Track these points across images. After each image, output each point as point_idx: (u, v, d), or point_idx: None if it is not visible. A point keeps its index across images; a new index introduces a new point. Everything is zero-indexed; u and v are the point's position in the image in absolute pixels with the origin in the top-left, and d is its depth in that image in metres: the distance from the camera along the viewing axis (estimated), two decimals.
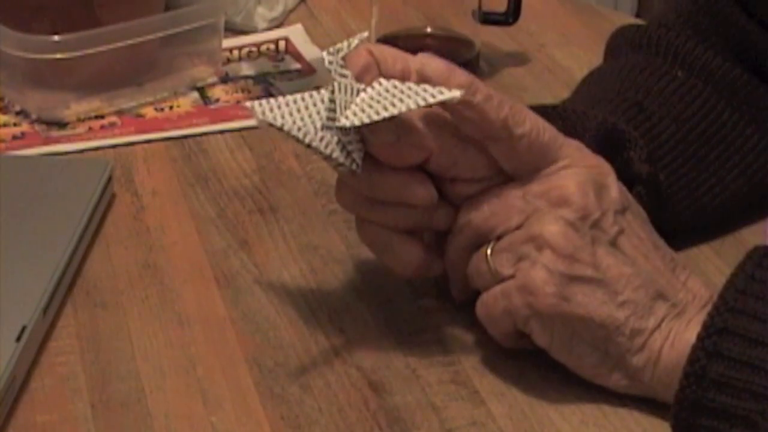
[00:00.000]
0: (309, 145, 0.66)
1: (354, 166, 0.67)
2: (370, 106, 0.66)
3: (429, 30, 1.02)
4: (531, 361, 0.69)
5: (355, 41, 0.69)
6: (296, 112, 0.67)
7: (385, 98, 0.66)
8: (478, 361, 0.71)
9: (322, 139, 0.66)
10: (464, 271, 0.70)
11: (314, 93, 0.68)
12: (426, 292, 0.76)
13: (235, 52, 1.06)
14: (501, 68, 1.04)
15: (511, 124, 0.67)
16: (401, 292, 0.76)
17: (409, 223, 0.70)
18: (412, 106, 0.65)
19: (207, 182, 0.88)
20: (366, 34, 0.71)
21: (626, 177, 0.73)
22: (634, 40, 0.84)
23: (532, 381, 0.69)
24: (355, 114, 0.66)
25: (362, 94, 0.67)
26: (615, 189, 0.68)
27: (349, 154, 0.66)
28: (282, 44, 1.07)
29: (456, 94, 0.65)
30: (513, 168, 0.68)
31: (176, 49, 1.00)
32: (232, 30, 1.08)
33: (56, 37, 0.92)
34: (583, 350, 0.66)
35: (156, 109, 0.97)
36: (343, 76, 0.67)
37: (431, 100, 0.65)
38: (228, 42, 1.05)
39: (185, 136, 0.94)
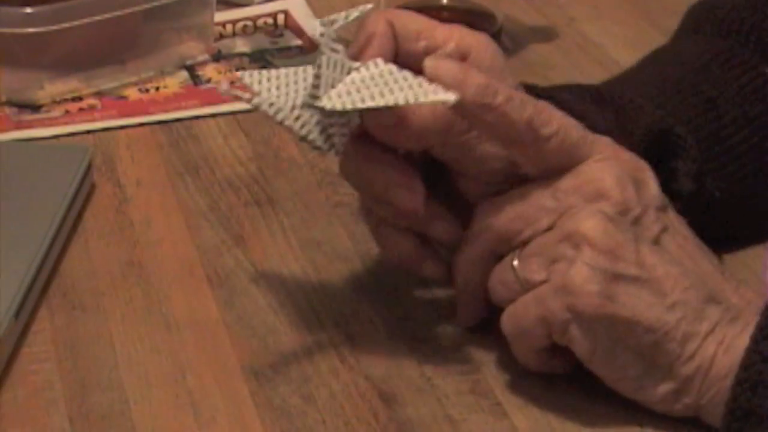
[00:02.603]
0: (281, 123, 0.66)
1: (332, 150, 0.67)
2: (358, 90, 0.66)
3: (445, 1, 1.02)
4: None
5: (354, 13, 0.69)
6: (280, 87, 0.67)
7: (376, 84, 0.66)
8: (500, 369, 0.71)
9: (297, 117, 0.66)
10: (477, 288, 0.70)
11: (302, 68, 0.68)
12: (442, 293, 0.76)
13: (229, 27, 1.06)
14: (526, 44, 1.04)
15: (537, 124, 0.66)
16: (415, 292, 0.76)
17: (398, 220, 0.70)
18: (401, 101, 0.65)
19: (198, 171, 0.88)
20: (370, 6, 0.71)
21: (666, 191, 0.71)
22: (715, 21, 0.82)
23: (560, 392, 0.69)
24: (339, 96, 0.66)
25: (354, 74, 0.67)
26: (654, 185, 0.68)
27: (329, 137, 0.67)
28: (281, 18, 1.08)
29: (450, 97, 0.64)
30: (540, 172, 0.68)
31: (162, 24, 1.00)
32: (225, 2, 1.08)
33: (28, 9, 0.92)
34: (627, 359, 0.65)
35: (140, 90, 0.98)
36: (334, 50, 0.67)
37: (422, 99, 0.65)
38: (220, 16, 1.05)
39: (173, 120, 0.94)
